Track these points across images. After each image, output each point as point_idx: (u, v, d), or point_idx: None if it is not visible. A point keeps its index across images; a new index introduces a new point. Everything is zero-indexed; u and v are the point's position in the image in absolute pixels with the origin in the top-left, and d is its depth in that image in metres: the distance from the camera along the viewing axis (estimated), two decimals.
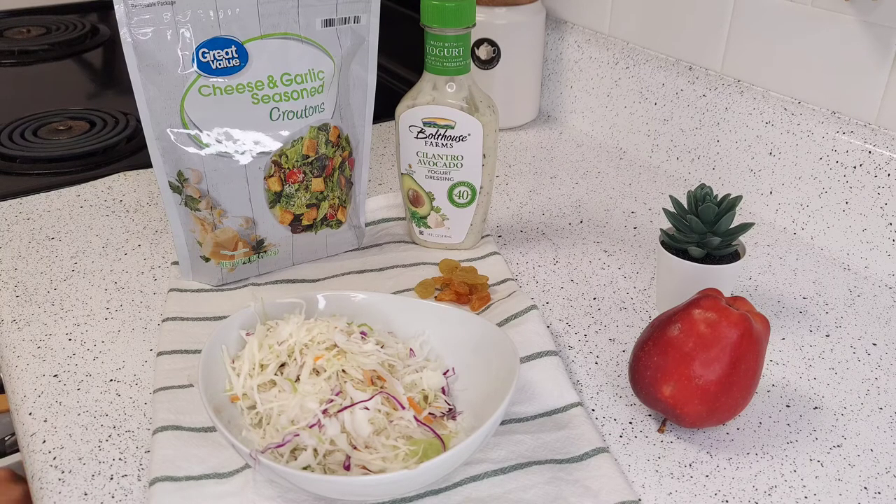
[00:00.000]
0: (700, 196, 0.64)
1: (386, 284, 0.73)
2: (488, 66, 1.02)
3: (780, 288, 0.74)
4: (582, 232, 0.83)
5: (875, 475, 0.55)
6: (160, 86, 0.65)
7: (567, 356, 0.65)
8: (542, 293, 0.73)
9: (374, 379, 0.55)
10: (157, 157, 0.67)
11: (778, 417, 0.59)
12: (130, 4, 0.62)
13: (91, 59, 1.38)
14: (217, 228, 0.69)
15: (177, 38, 0.64)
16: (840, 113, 0.79)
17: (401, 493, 0.50)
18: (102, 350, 0.65)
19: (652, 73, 0.95)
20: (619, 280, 0.75)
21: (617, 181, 0.94)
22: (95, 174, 0.93)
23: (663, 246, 0.66)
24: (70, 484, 0.53)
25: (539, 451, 0.55)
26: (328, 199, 0.73)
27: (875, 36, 0.74)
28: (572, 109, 1.08)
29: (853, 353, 0.66)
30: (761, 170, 0.85)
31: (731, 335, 0.53)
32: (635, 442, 0.57)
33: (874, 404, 0.61)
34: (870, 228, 0.76)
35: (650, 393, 0.56)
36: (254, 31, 0.66)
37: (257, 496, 0.51)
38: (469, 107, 0.72)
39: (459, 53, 0.71)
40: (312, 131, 0.70)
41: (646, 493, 0.53)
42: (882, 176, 0.74)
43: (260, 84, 0.67)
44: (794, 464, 0.55)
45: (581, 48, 1.04)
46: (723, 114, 0.87)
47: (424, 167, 0.75)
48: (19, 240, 0.80)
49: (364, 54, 0.73)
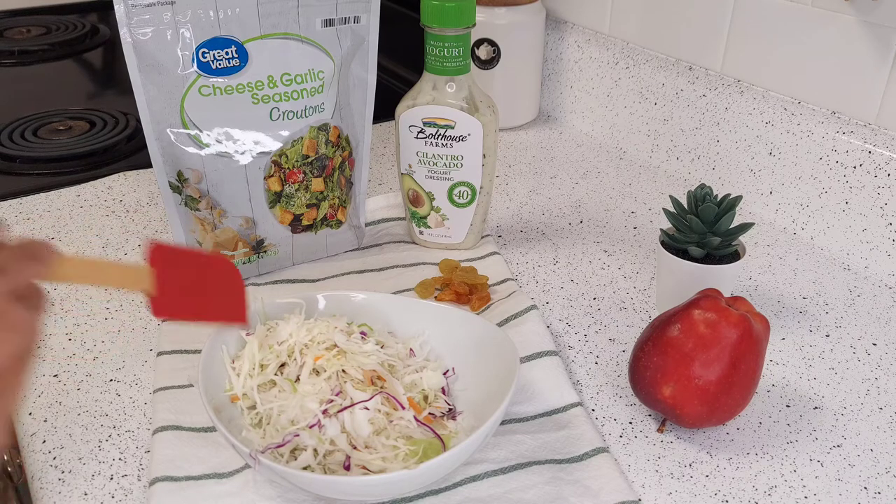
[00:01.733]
0: (700, 196, 0.64)
1: (386, 284, 0.73)
2: (488, 66, 1.02)
3: (780, 288, 0.74)
4: (582, 232, 0.83)
5: (875, 475, 0.55)
6: (160, 86, 0.65)
7: (567, 356, 0.65)
8: (542, 293, 0.73)
9: (374, 379, 0.55)
10: (157, 157, 0.67)
11: (778, 417, 0.59)
12: (130, 4, 0.62)
13: (91, 59, 1.38)
14: (217, 228, 0.69)
15: (177, 38, 0.64)
16: (840, 113, 0.79)
17: (401, 493, 0.50)
18: (102, 350, 0.65)
19: (652, 73, 0.95)
20: (619, 280, 0.75)
21: (617, 181, 0.94)
22: (95, 174, 0.93)
23: (663, 246, 0.66)
24: (70, 484, 0.53)
25: (539, 451, 0.55)
26: (328, 199, 0.73)
27: (875, 36, 0.74)
28: (572, 109, 1.08)
29: (853, 353, 0.66)
30: (761, 170, 0.85)
31: (731, 335, 0.53)
32: (635, 442, 0.57)
33: (874, 404, 0.61)
34: (870, 228, 0.76)
35: (650, 393, 0.56)
36: (254, 31, 0.66)
37: (257, 496, 0.51)
38: (469, 107, 0.72)
39: (459, 53, 0.71)
40: (312, 131, 0.70)
41: (646, 493, 0.53)
42: (882, 176, 0.74)
43: (260, 84, 0.67)
44: (794, 464, 0.55)
45: (581, 48, 1.04)
46: (723, 114, 0.87)
47: (424, 167, 0.75)
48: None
49: (364, 54, 0.73)
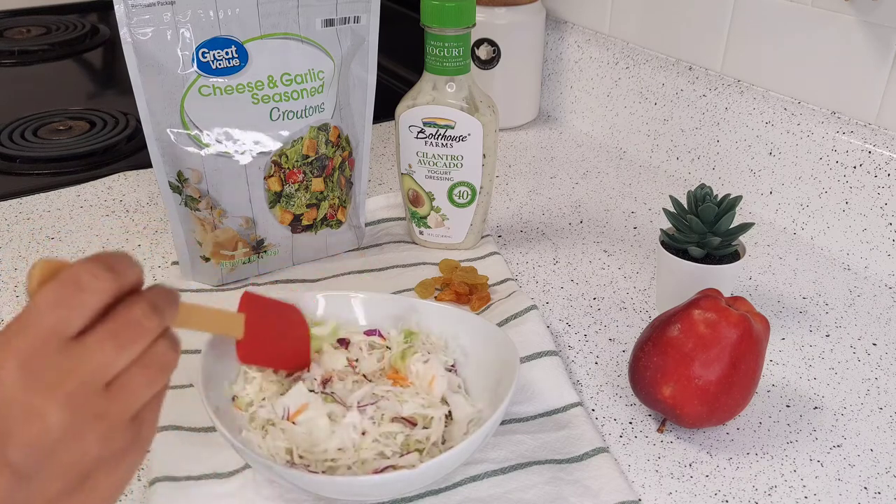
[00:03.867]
0: (700, 196, 0.64)
1: (386, 284, 0.73)
2: (488, 66, 1.02)
3: (780, 288, 0.74)
4: (582, 232, 0.83)
5: (875, 475, 0.55)
6: (160, 86, 0.65)
7: (567, 356, 0.65)
8: (542, 293, 0.73)
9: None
10: (157, 157, 0.67)
11: (778, 417, 0.59)
12: (130, 4, 0.62)
13: (91, 59, 1.38)
14: (217, 228, 0.69)
15: (177, 38, 0.64)
16: (840, 113, 0.79)
17: (401, 493, 0.50)
18: None
19: (652, 73, 0.95)
20: (619, 280, 0.75)
21: (617, 181, 0.94)
22: (95, 174, 0.93)
23: (663, 246, 0.66)
24: None
25: (539, 451, 0.55)
26: (328, 199, 0.73)
27: (875, 36, 0.74)
28: (572, 109, 1.08)
29: (853, 353, 0.66)
30: (761, 170, 0.85)
31: (731, 335, 0.53)
32: (635, 442, 0.57)
33: (874, 404, 0.61)
34: (870, 228, 0.76)
35: (650, 393, 0.56)
36: (254, 31, 0.66)
37: (257, 496, 0.51)
38: (469, 107, 0.72)
39: (459, 53, 0.71)
40: (312, 131, 0.70)
41: (646, 493, 0.53)
42: (882, 176, 0.74)
43: (260, 84, 0.67)
44: (794, 464, 0.55)
45: (581, 48, 1.04)
46: (723, 114, 0.87)
47: (424, 167, 0.75)
48: (19, 240, 0.80)
49: (364, 54, 0.73)
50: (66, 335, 0.34)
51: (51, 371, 0.34)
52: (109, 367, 0.35)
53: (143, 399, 0.37)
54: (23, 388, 0.33)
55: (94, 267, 0.35)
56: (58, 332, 0.34)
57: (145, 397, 0.37)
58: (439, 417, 0.53)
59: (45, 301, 0.34)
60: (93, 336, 0.35)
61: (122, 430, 0.36)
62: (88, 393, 0.34)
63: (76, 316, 0.35)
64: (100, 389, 0.35)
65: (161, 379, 0.37)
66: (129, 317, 0.36)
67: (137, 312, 0.36)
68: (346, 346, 0.58)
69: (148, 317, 0.36)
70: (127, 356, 0.36)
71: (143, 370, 0.36)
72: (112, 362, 0.35)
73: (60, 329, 0.34)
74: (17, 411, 0.33)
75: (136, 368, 0.36)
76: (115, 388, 0.35)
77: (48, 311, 0.34)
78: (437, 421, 0.52)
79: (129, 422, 0.36)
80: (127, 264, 0.37)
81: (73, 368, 0.34)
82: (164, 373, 0.37)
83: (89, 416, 0.34)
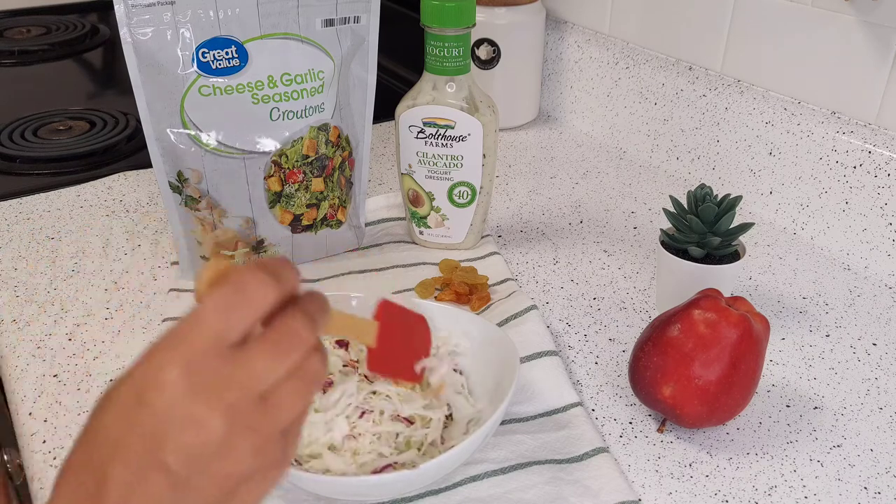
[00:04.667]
0: (700, 196, 0.64)
1: (386, 284, 0.73)
2: (488, 66, 1.02)
3: (780, 288, 0.74)
4: (582, 232, 0.83)
5: (875, 475, 0.55)
6: (160, 86, 0.65)
7: (567, 356, 0.65)
8: (542, 293, 0.73)
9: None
10: (157, 157, 0.67)
11: (778, 417, 0.59)
12: (130, 4, 0.62)
13: (91, 59, 1.38)
14: (217, 228, 0.69)
15: (177, 38, 0.64)
16: (840, 113, 0.79)
17: (401, 493, 0.50)
18: (102, 350, 0.65)
19: (652, 73, 0.95)
20: (619, 280, 0.75)
21: (617, 181, 0.94)
22: (95, 174, 0.93)
23: (663, 246, 0.66)
24: None
25: (539, 451, 0.55)
26: (328, 199, 0.73)
27: (875, 36, 0.74)
28: (572, 109, 1.08)
29: (853, 353, 0.66)
30: (761, 170, 0.85)
31: (731, 335, 0.53)
32: (635, 442, 0.57)
33: (874, 404, 0.61)
34: (870, 228, 0.76)
35: (650, 393, 0.56)
36: (254, 31, 0.66)
37: None
38: (469, 107, 0.72)
39: (459, 53, 0.71)
40: (312, 131, 0.70)
41: (646, 493, 0.53)
42: (882, 176, 0.74)
43: (260, 84, 0.67)
44: (794, 464, 0.55)
45: (581, 48, 1.04)
46: (723, 114, 0.87)
47: (424, 167, 0.75)
48: (19, 240, 0.80)
49: (364, 54, 0.73)
50: (229, 342, 0.34)
51: (213, 379, 0.33)
52: (267, 378, 0.34)
53: (295, 412, 0.36)
54: (185, 395, 0.33)
55: (262, 274, 0.34)
56: (222, 338, 0.33)
57: (297, 411, 0.36)
58: (438, 418, 0.53)
59: (214, 305, 0.34)
60: (254, 346, 0.34)
61: (273, 444, 0.35)
62: (246, 404, 0.34)
63: (241, 323, 0.34)
64: (256, 400, 0.34)
65: (312, 393, 0.36)
66: (289, 327, 0.35)
67: (297, 323, 0.35)
68: (346, 347, 0.58)
69: (306, 328, 0.35)
70: (284, 368, 0.35)
71: (297, 383, 0.35)
72: (270, 373, 0.34)
73: (225, 336, 0.34)
74: (177, 417, 0.32)
75: (291, 381, 0.35)
76: (270, 400, 0.34)
77: (215, 316, 0.33)
78: (437, 421, 0.52)
79: (280, 435, 0.35)
80: (289, 272, 0.36)
81: (233, 377, 0.33)
82: (315, 386, 0.36)
83: (245, 427, 0.33)
